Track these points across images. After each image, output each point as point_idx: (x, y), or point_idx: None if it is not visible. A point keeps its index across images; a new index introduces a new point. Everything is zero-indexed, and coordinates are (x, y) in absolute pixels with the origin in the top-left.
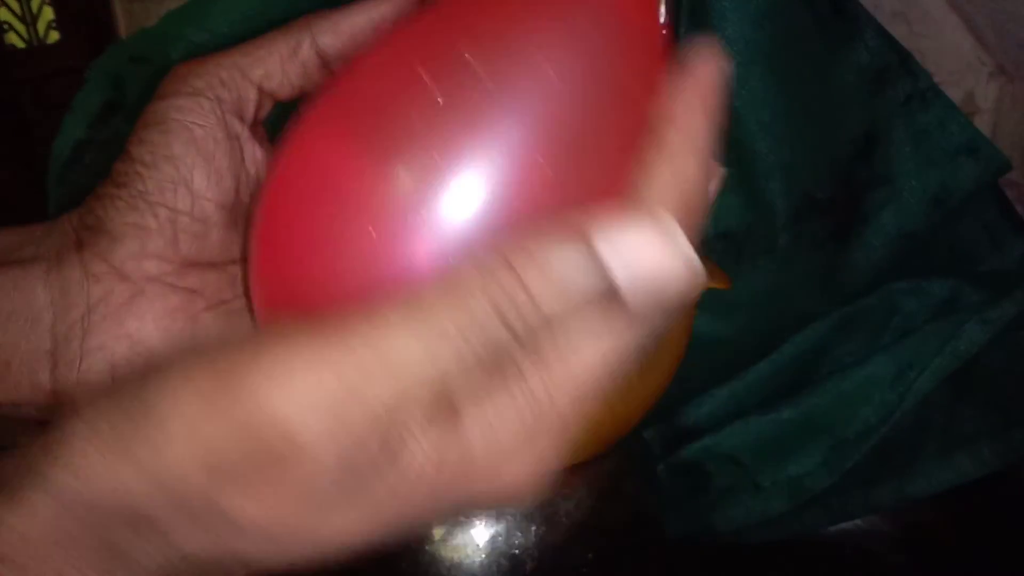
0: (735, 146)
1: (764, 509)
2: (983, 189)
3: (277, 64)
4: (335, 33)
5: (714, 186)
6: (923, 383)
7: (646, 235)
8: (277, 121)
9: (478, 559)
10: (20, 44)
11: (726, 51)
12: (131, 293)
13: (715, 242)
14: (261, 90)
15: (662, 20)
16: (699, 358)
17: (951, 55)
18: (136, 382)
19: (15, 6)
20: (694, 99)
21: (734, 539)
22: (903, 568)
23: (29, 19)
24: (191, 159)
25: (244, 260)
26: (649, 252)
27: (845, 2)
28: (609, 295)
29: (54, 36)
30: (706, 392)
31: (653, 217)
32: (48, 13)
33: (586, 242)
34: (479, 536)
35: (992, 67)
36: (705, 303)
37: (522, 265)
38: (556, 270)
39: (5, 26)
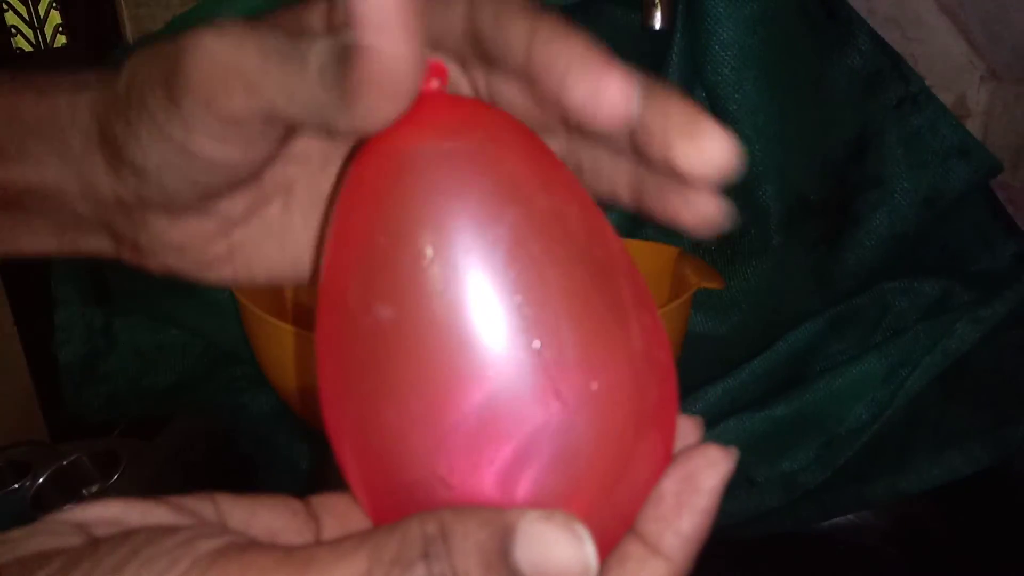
0: None
1: (758, 504)
2: (974, 191)
3: None
4: None
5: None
6: (915, 381)
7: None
8: None
9: None
10: (28, 48)
11: (720, 56)
12: None
13: (710, 243)
14: None
15: (657, 27)
16: (694, 356)
17: (943, 59)
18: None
19: (23, 10)
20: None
21: (729, 533)
22: (895, 561)
23: (36, 23)
24: None
25: None
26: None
27: (838, 7)
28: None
29: (61, 40)
30: (700, 389)
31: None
32: (55, 17)
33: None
34: None
35: (983, 71)
36: (700, 302)
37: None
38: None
39: (13, 30)
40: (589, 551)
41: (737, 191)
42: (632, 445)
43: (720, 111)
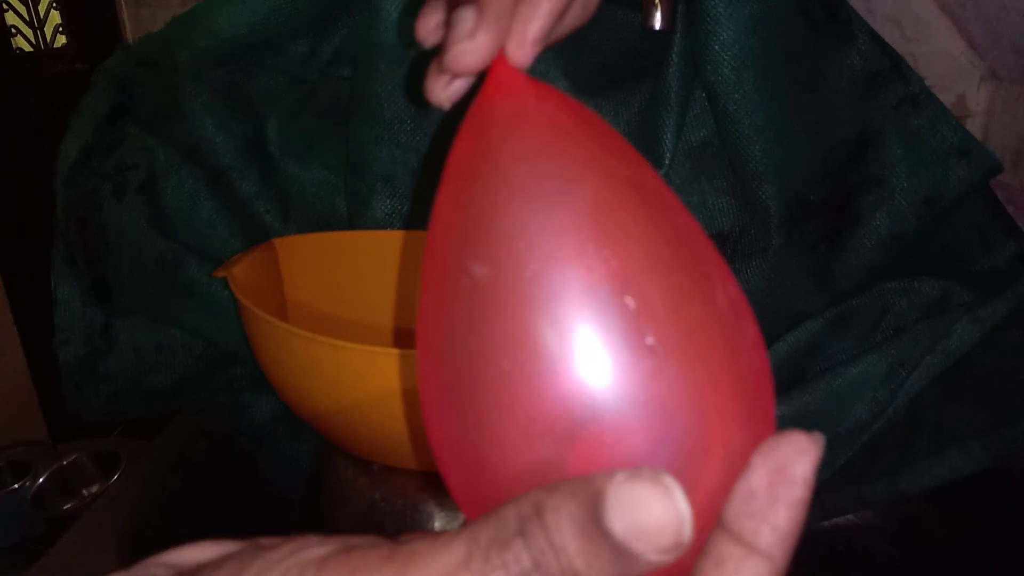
0: (729, 149)
1: None
2: (974, 191)
3: None
4: None
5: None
6: (915, 381)
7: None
8: (292, 134)
9: None
10: (28, 48)
11: (720, 56)
12: None
13: None
14: None
15: (657, 27)
16: None
17: (943, 59)
18: None
19: (23, 10)
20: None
21: None
22: (895, 562)
23: (37, 23)
24: None
25: None
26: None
27: (838, 7)
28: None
29: (61, 40)
30: None
31: (656, 479)
32: (55, 17)
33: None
34: None
35: (983, 71)
36: None
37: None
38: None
39: (13, 30)
40: (681, 501)
41: (737, 191)
42: (726, 405)
43: (720, 111)
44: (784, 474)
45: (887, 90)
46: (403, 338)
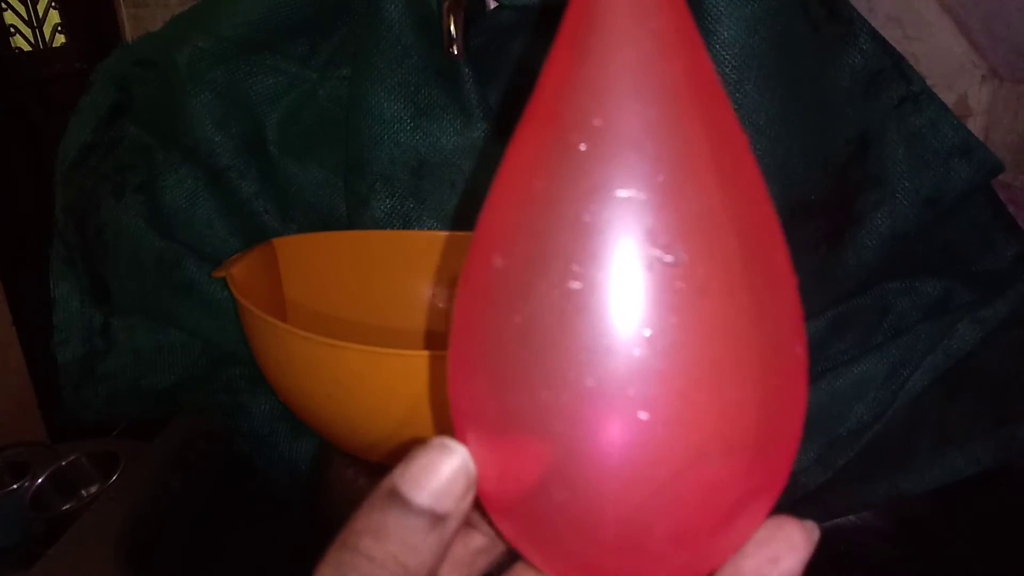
0: None
1: None
2: (975, 190)
3: None
4: None
5: None
6: (916, 381)
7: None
8: (291, 134)
9: None
10: (26, 47)
11: (720, 55)
12: None
13: None
14: None
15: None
16: None
17: (944, 59)
18: None
19: (21, 10)
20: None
21: None
22: (896, 562)
23: (35, 23)
24: None
25: None
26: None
27: (839, 6)
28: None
29: (60, 40)
30: None
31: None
32: (54, 17)
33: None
34: None
35: (985, 70)
36: None
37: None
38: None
39: (11, 29)
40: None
41: None
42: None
43: None
44: (775, 566)
45: (888, 89)
46: (403, 338)
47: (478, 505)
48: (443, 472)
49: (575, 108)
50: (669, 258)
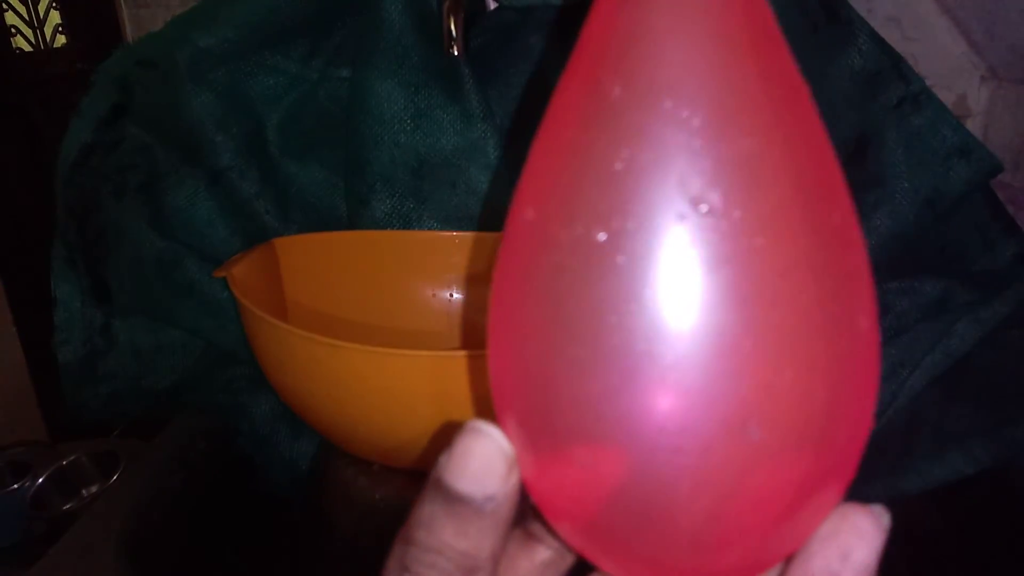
0: None
1: None
2: (975, 191)
3: None
4: None
5: None
6: (915, 381)
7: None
8: (292, 134)
9: None
10: (27, 48)
11: None
12: None
13: None
14: None
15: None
16: None
17: (943, 59)
18: None
19: (22, 10)
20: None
21: None
22: (895, 561)
23: (36, 23)
24: None
25: None
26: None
27: (838, 7)
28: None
29: (61, 40)
30: None
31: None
32: (55, 17)
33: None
34: None
35: (984, 71)
36: None
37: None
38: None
39: (12, 30)
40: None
41: None
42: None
43: None
44: (847, 561)
45: (887, 90)
46: (403, 338)
47: (541, 518)
48: (479, 455)
49: (611, 52)
50: (704, 207)
